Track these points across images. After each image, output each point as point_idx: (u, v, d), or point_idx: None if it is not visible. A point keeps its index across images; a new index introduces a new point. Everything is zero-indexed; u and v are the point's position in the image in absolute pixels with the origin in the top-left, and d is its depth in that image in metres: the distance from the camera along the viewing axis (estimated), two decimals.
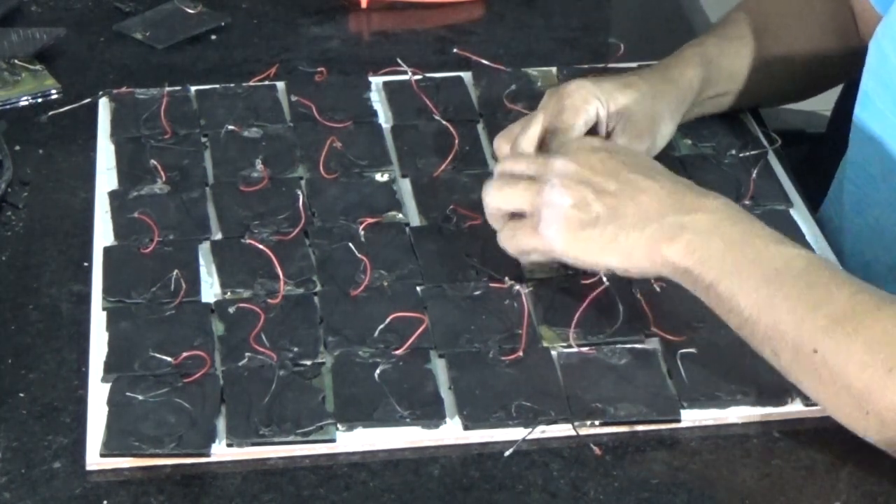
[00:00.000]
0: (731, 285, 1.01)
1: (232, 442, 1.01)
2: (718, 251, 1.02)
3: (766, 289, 1.00)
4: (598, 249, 1.06)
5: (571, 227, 1.06)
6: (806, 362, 0.98)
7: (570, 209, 1.06)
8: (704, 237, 1.03)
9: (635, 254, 1.05)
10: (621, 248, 1.05)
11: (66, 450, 1.01)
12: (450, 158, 1.26)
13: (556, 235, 1.07)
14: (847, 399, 0.97)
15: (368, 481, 0.99)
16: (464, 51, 1.40)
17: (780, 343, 0.99)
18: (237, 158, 1.27)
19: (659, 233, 1.04)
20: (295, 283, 1.13)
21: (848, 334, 0.97)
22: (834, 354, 0.97)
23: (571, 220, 1.06)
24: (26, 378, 1.06)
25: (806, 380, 1.00)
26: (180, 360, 1.06)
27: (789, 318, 0.99)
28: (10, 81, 1.37)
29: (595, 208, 1.06)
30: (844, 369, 0.97)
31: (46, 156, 1.29)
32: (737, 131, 1.31)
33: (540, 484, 0.99)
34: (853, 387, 0.97)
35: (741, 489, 0.99)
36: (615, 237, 1.05)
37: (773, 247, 1.02)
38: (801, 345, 0.98)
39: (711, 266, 1.02)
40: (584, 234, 1.06)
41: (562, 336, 1.09)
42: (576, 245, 1.07)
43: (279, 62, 1.40)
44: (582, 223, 1.06)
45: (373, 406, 1.03)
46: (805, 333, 0.98)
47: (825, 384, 0.98)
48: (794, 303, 0.99)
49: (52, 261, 1.17)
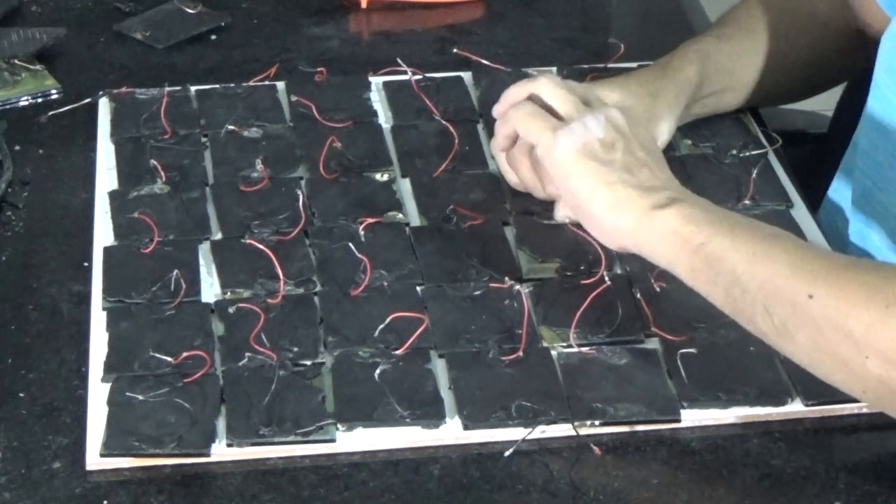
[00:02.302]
0: (723, 242, 1.01)
1: (232, 442, 1.01)
2: (713, 216, 1.04)
3: (761, 245, 1.01)
4: (593, 186, 1.07)
5: (585, 154, 1.08)
6: (801, 313, 0.97)
7: (595, 140, 1.08)
8: (700, 208, 1.05)
9: (624, 208, 1.06)
10: (614, 198, 1.06)
11: (66, 450, 1.01)
12: (450, 158, 1.26)
13: (566, 148, 1.09)
14: (846, 346, 0.95)
15: (368, 481, 0.99)
16: (464, 51, 1.41)
17: (773, 297, 0.98)
18: (237, 158, 1.27)
19: (656, 199, 1.05)
20: (295, 283, 1.13)
21: (847, 278, 0.96)
22: (832, 297, 0.96)
23: (589, 149, 1.08)
24: (26, 378, 1.06)
25: (800, 333, 0.98)
26: (180, 360, 1.06)
27: (784, 268, 0.99)
28: (10, 81, 1.37)
29: (616, 155, 1.08)
30: (842, 311, 0.95)
31: (46, 156, 1.29)
32: (737, 131, 1.31)
33: (540, 484, 0.99)
34: (853, 330, 0.95)
35: (741, 489, 0.99)
36: (615, 185, 1.06)
37: (769, 227, 1.04)
38: (797, 293, 0.97)
39: (703, 227, 1.03)
40: (591, 165, 1.07)
41: (562, 336, 1.09)
42: (576, 171, 1.08)
43: (279, 62, 1.40)
44: (596, 157, 1.08)
45: (373, 406, 1.03)
46: (800, 281, 0.97)
47: (822, 333, 0.96)
48: (790, 256, 0.99)
49: (52, 261, 1.17)
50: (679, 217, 1.04)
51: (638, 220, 1.05)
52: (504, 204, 1.22)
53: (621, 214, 1.06)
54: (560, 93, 1.14)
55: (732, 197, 1.23)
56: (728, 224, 1.03)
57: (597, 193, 1.07)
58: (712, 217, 1.04)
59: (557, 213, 1.19)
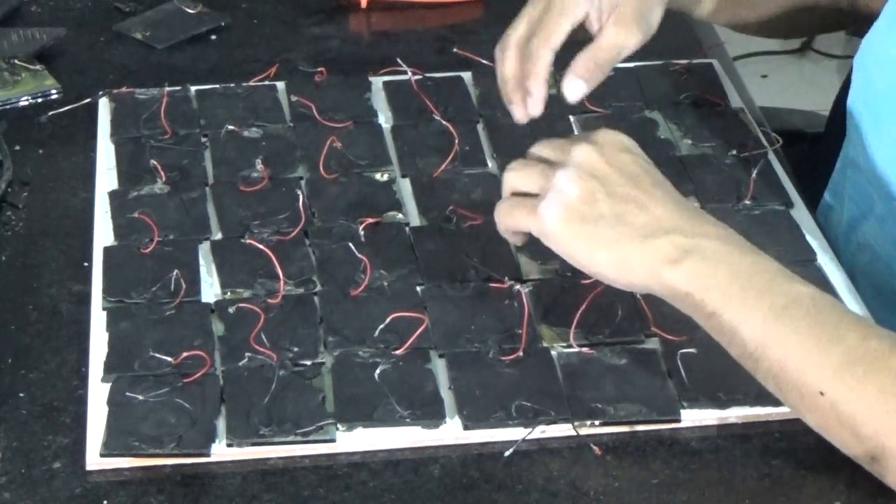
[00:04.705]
0: (735, 316, 0.97)
1: (232, 442, 1.01)
2: (724, 280, 0.98)
3: (773, 324, 0.96)
4: (592, 250, 1.01)
5: (571, 218, 1.01)
6: (811, 403, 0.96)
7: (575, 199, 1.01)
8: (711, 264, 0.99)
9: (631, 266, 1.00)
10: (617, 256, 1.00)
11: (66, 450, 1.01)
12: (450, 158, 1.26)
13: (552, 221, 1.02)
14: (854, 442, 0.95)
15: (368, 481, 0.99)
16: (464, 51, 1.40)
17: (784, 381, 0.96)
18: (237, 158, 1.27)
19: (662, 251, 0.99)
20: (295, 283, 1.13)
21: (858, 379, 0.94)
22: (843, 399, 0.94)
23: (573, 211, 1.01)
24: (26, 378, 1.06)
25: (811, 418, 0.97)
26: (180, 360, 1.06)
27: (796, 357, 0.96)
28: (10, 81, 1.37)
29: (601, 207, 1.01)
30: (853, 414, 0.94)
31: (46, 156, 1.29)
32: (737, 131, 1.31)
33: (540, 484, 0.99)
34: (861, 432, 0.94)
35: (741, 489, 0.99)
36: (614, 243, 1.00)
37: (781, 281, 0.99)
38: (807, 385, 0.95)
39: (715, 295, 0.98)
40: (581, 229, 1.01)
41: (562, 336, 1.09)
42: (569, 239, 1.02)
43: (279, 62, 1.40)
44: (583, 217, 1.01)
45: (373, 406, 1.03)
46: (812, 375, 0.95)
47: (831, 426, 0.96)
48: (802, 341, 0.96)
49: (52, 261, 1.17)
50: (689, 278, 0.98)
51: (648, 277, 1.00)
52: None
53: (632, 274, 1.01)
54: (522, 173, 1.06)
55: (732, 197, 1.23)
56: (740, 287, 0.98)
57: (597, 257, 1.01)
58: (723, 276, 0.98)
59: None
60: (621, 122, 1.32)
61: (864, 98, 1.18)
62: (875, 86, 1.17)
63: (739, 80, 1.41)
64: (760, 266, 1.00)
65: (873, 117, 1.17)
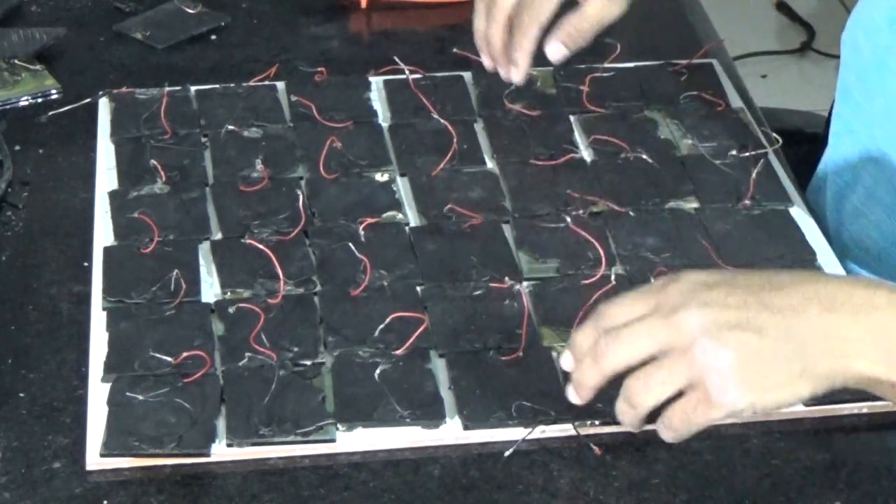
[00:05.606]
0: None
1: (232, 442, 1.01)
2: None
3: None
4: (791, 391, 0.91)
5: (750, 380, 0.90)
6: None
7: (739, 363, 0.90)
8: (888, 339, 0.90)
9: (825, 375, 0.90)
10: (812, 375, 0.90)
11: (66, 450, 1.01)
12: (448, 157, 1.26)
13: (739, 397, 0.90)
14: None
15: (368, 481, 0.99)
16: (464, 51, 1.40)
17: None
18: (237, 158, 1.27)
19: (848, 348, 0.90)
20: (295, 283, 1.13)
21: None
22: None
23: (747, 372, 0.90)
24: (26, 378, 1.06)
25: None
26: (180, 360, 1.06)
27: None
28: (10, 81, 1.37)
29: (766, 347, 0.90)
30: None
31: (46, 156, 1.29)
32: (737, 131, 1.31)
33: (540, 484, 0.99)
34: None
35: (741, 489, 0.99)
36: (803, 369, 0.90)
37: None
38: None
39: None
40: (768, 381, 0.90)
41: (562, 336, 1.09)
42: (765, 396, 0.91)
43: (279, 62, 1.40)
44: (760, 371, 0.90)
45: (373, 406, 1.03)
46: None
47: None
48: None
49: (52, 261, 1.17)
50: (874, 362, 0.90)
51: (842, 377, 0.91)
52: (504, 203, 1.22)
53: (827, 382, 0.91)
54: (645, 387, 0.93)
55: (732, 197, 1.23)
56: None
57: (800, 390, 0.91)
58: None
59: None
60: (621, 122, 1.32)
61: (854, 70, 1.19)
62: (863, 56, 1.17)
63: (739, 80, 1.41)
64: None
65: (864, 88, 1.17)
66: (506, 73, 1.28)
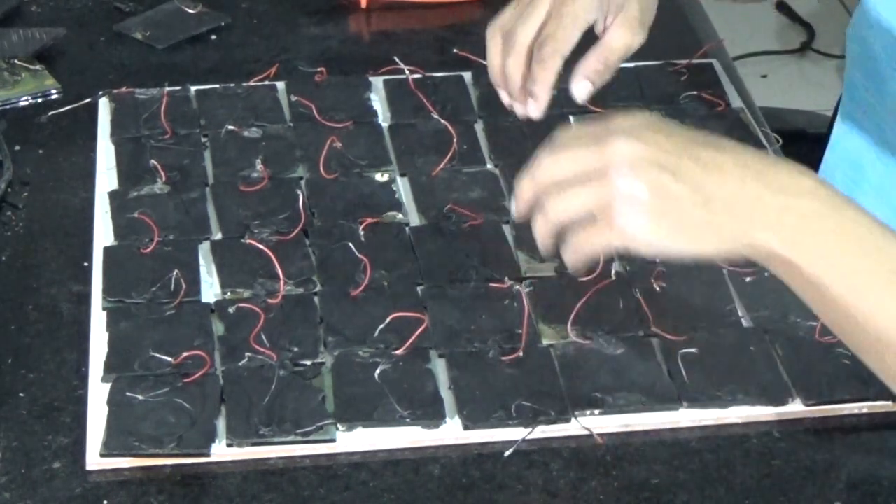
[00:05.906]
0: (839, 284, 0.90)
1: (232, 442, 1.01)
2: (826, 243, 0.91)
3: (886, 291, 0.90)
4: (689, 238, 0.93)
5: (655, 217, 0.93)
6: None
7: (648, 197, 0.92)
8: (809, 224, 0.91)
9: (728, 238, 0.93)
10: (715, 233, 0.93)
11: (66, 450, 1.01)
12: (448, 157, 1.26)
13: (638, 230, 0.93)
14: None
15: (368, 481, 0.99)
16: (464, 51, 1.40)
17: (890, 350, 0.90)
18: (237, 158, 1.27)
19: (756, 217, 0.92)
20: (295, 283, 1.13)
21: None
22: None
23: (654, 209, 0.93)
24: (26, 378, 1.06)
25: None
26: (180, 360, 1.06)
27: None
28: (10, 81, 1.37)
29: (678, 191, 0.92)
30: None
31: (46, 156, 1.29)
32: (737, 131, 1.31)
33: (540, 484, 0.99)
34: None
35: (741, 489, 0.99)
36: (707, 223, 0.92)
37: (885, 240, 0.91)
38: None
39: (817, 261, 0.91)
40: (671, 222, 0.93)
41: (561, 334, 1.09)
42: (663, 235, 0.93)
43: (279, 62, 1.40)
44: (665, 211, 0.93)
45: (373, 406, 1.03)
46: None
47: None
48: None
49: (52, 261, 1.17)
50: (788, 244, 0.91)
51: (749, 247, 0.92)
52: (504, 203, 1.22)
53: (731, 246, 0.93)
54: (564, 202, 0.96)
55: None
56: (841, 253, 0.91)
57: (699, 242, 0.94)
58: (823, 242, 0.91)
59: None
60: None
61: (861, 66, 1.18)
62: (873, 51, 1.17)
63: (739, 80, 1.41)
64: (860, 223, 0.92)
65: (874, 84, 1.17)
66: (523, 110, 1.16)
